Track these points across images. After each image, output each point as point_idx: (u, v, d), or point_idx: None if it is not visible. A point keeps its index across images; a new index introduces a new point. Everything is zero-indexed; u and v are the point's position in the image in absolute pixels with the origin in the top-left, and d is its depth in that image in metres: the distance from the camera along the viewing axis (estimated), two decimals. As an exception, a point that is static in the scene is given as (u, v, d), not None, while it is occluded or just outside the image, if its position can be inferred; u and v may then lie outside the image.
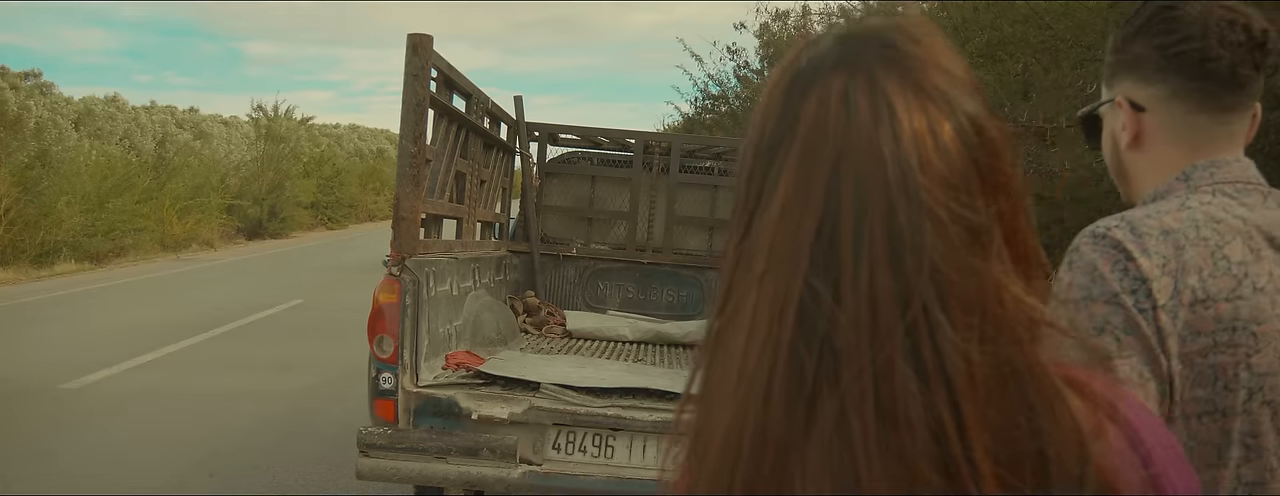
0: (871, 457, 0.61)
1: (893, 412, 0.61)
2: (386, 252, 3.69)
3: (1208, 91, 1.28)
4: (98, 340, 9.34)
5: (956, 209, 0.64)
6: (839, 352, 0.63)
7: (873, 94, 0.66)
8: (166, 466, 5.38)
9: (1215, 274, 1.18)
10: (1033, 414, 0.63)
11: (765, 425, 0.64)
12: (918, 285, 0.62)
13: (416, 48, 3.61)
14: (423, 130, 3.68)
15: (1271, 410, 1.18)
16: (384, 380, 3.55)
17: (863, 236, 0.63)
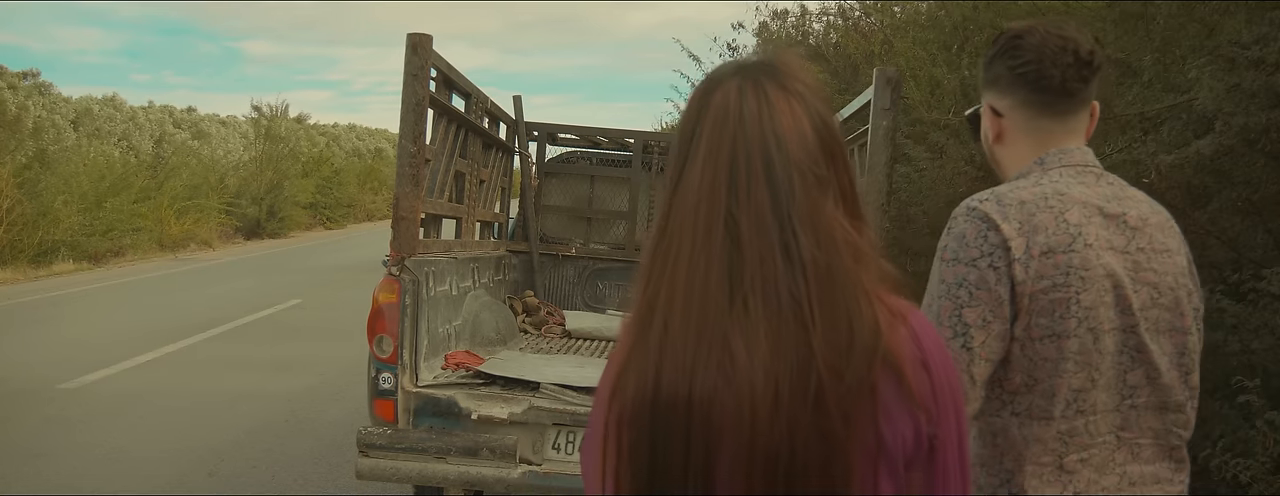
0: (760, 313, 1.06)
1: (773, 285, 1.06)
2: (385, 252, 3.68)
3: (1046, 101, 1.72)
4: (96, 340, 9.33)
5: (810, 166, 1.10)
6: (744, 250, 1.07)
7: (758, 91, 1.13)
8: (166, 466, 5.38)
9: (1057, 233, 1.59)
10: (849, 302, 1.07)
11: (707, 294, 1.08)
12: (787, 210, 1.08)
13: (416, 47, 3.60)
14: (422, 130, 3.67)
15: (1094, 334, 1.59)
16: (383, 380, 3.54)
17: (755, 180, 1.09)
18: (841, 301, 1.08)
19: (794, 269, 1.07)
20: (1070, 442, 1.61)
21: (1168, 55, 4.77)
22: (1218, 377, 4.21)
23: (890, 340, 1.09)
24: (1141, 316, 1.62)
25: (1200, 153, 4.03)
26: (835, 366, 1.06)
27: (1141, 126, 4.87)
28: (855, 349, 1.07)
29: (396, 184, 3.63)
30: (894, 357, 1.09)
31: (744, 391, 1.06)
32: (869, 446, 1.08)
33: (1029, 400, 1.61)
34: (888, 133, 3.65)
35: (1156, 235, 1.67)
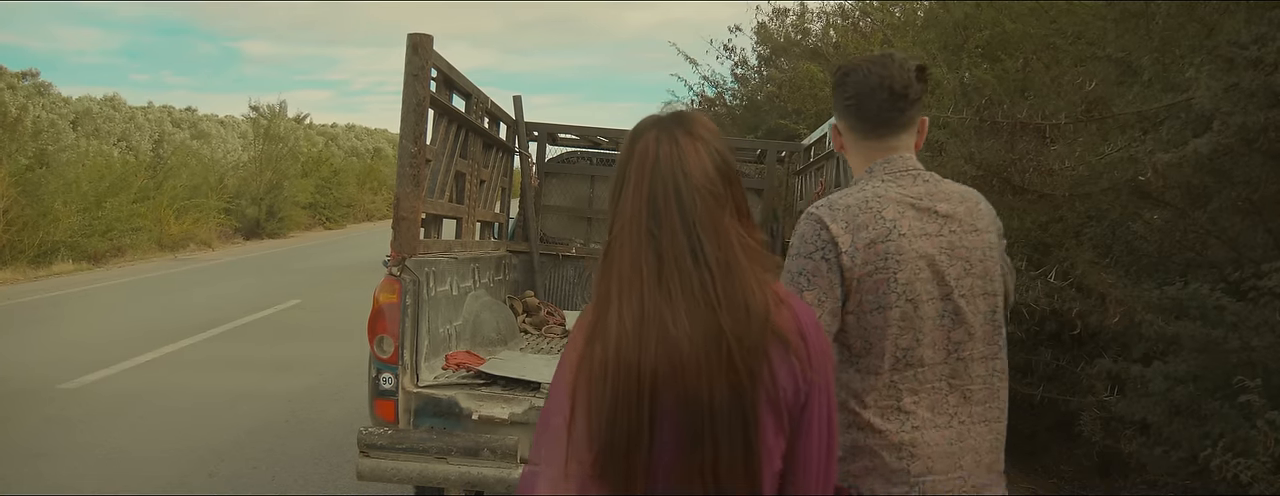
0: (680, 304, 1.47)
1: (688, 278, 1.48)
2: (386, 252, 3.68)
3: (867, 128, 2.12)
4: (95, 340, 9.33)
5: (710, 189, 1.52)
6: (663, 254, 1.49)
7: (671, 138, 1.56)
8: (166, 466, 5.38)
9: (876, 228, 2.00)
10: (744, 289, 1.49)
11: (642, 287, 1.49)
12: (693, 223, 1.50)
13: (417, 47, 3.59)
14: (423, 130, 3.66)
15: (914, 304, 2.00)
16: (384, 380, 3.54)
17: (668, 202, 1.51)
18: (738, 288, 1.51)
19: (700, 266, 1.51)
20: (902, 389, 2.04)
21: (1167, 54, 4.77)
22: (1218, 376, 4.21)
23: (776, 317, 1.52)
24: (956, 285, 2.04)
25: (1198, 152, 4.03)
26: (739, 336, 1.48)
27: (1141, 125, 4.87)
28: (752, 323, 1.49)
29: (397, 184, 3.62)
30: (780, 330, 1.52)
31: (676, 357, 1.47)
32: (766, 395, 1.51)
33: (867, 359, 2.03)
34: None
35: (966, 219, 2.09)
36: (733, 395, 1.48)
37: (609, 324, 1.52)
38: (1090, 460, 5.46)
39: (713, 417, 1.48)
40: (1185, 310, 4.15)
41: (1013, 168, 4.79)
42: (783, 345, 1.52)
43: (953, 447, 2.06)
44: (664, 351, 1.48)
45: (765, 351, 1.50)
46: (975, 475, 2.09)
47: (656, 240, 1.52)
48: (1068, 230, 5.28)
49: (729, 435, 1.48)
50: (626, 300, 1.52)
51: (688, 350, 1.47)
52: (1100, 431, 4.69)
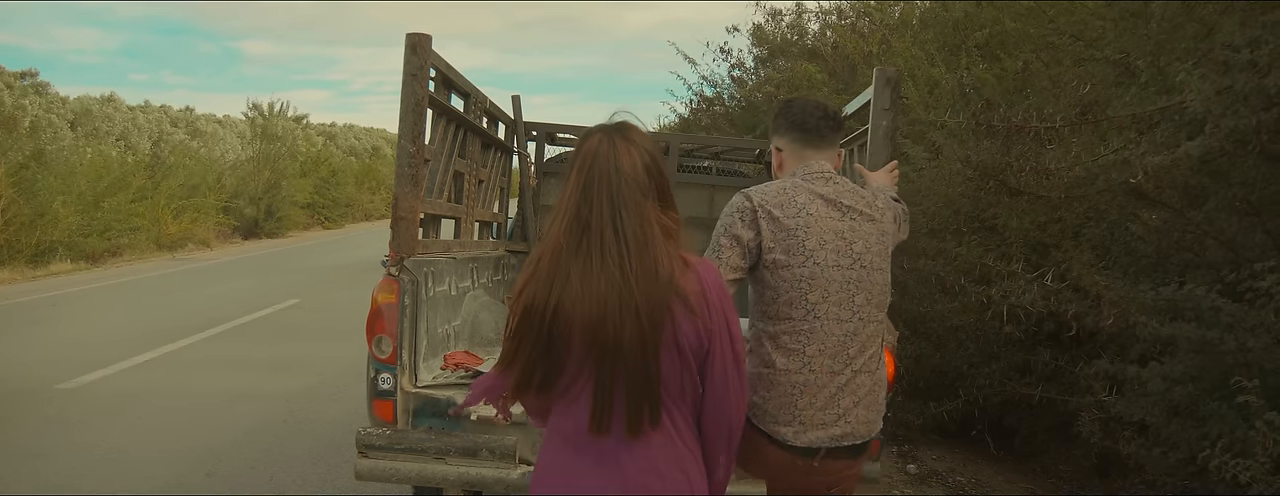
0: (598, 267, 1.96)
1: (606, 248, 1.97)
2: (384, 252, 3.67)
3: (806, 139, 2.73)
4: (93, 340, 9.34)
5: (637, 181, 2.02)
6: (588, 227, 1.99)
7: (610, 141, 2.04)
8: (164, 466, 5.37)
9: (790, 207, 2.60)
10: (656, 258, 1.98)
11: (562, 251, 1.99)
12: (619, 204, 1.99)
13: (415, 47, 3.58)
14: (421, 130, 3.66)
15: (820, 267, 2.57)
16: (382, 381, 3.54)
17: (601, 189, 2.00)
18: (650, 257, 1.99)
19: (620, 239, 1.99)
20: (810, 338, 2.58)
21: (1163, 56, 4.77)
22: (1215, 377, 4.21)
23: (681, 280, 2.01)
24: (856, 260, 2.62)
25: (1189, 155, 4.03)
26: (646, 295, 1.97)
27: (1136, 127, 4.87)
28: (658, 285, 1.98)
29: (396, 184, 3.61)
30: (682, 290, 2.01)
31: (582, 306, 1.97)
32: (668, 342, 2.01)
33: (776, 308, 2.60)
34: (887, 133, 3.64)
35: (865, 210, 2.68)
36: (638, 338, 1.96)
37: (536, 277, 2.03)
38: (1089, 460, 5.46)
39: (618, 354, 1.97)
40: (1180, 311, 4.16)
41: (1009, 170, 4.79)
42: (685, 302, 2.01)
43: (839, 391, 2.60)
44: (579, 302, 1.97)
45: (669, 307, 1.99)
46: (853, 413, 2.62)
47: (584, 217, 2.01)
48: (1066, 231, 5.28)
49: (632, 368, 1.98)
50: (549, 260, 2.02)
51: (600, 302, 1.96)
52: (1099, 432, 4.69)
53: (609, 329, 1.96)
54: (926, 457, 6.19)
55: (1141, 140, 4.59)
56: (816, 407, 2.57)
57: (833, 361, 2.58)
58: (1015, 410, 5.88)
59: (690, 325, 2.01)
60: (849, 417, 2.60)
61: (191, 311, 11.51)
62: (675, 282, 1.99)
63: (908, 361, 5.80)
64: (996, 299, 4.89)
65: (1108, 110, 4.67)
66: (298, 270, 18.09)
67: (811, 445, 2.57)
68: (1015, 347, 5.64)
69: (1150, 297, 4.20)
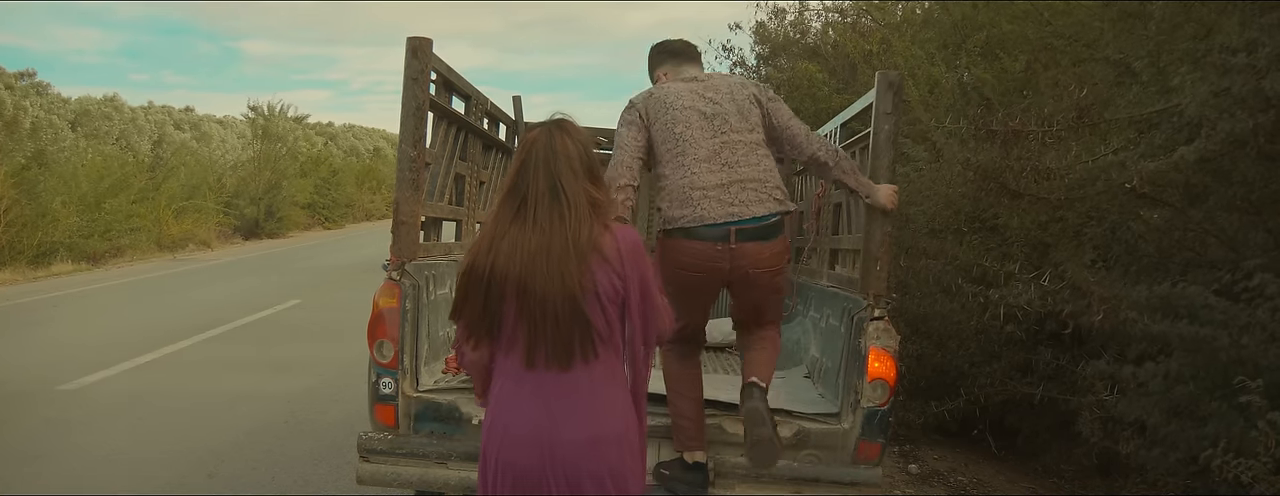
0: (530, 230, 2.43)
1: (538, 215, 2.44)
2: (385, 254, 3.67)
3: (677, 61, 3.74)
4: (95, 341, 9.33)
5: (571, 163, 2.49)
6: (525, 200, 2.46)
7: (549, 132, 2.53)
8: (165, 468, 5.37)
9: (660, 96, 3.57)
10: (579, 223, 2.43)
11: (499, 220, 2.49)
12: (556, 181, 2.46)
13: (416, 51, 3.58)
14: (422, 134, 3.65)
15: (688, 129, 3.47)
16: (384, 385, 3.53)
17: (538, 169, 2.47)
18: (575, 223, 2.43)
19: (553, 207, 2.45)
20: (692, 189, 3.41)
21: (1163, 57, 4.77)
22: (1216, 376, 4.21)
23: (599, 240, 2.45)
24: (719, 119, 3.49)
25: (1185, 159, 4.04)
26: (569, 251, 2.41)
27: (1136, 128, 4.87)
28: (580, 243, 2.42)
29: (396, 188, 3.61)
30: (600, 247, 2.45)
31: (514, 264, 2.42)
32: (589, 290, 2.43)
33: (663, 147, 3.51)
34: (890, 136, 3.63)
35: (724, 90, 3.58)
36: (565, 290, 2.40)
37: (478, 242, 2.52)
38: (1090, 460, 5.46)
39: (545, 304, 2.40)
40: (1174, 310, 4.16)
41: (1009, 172, 4.80)
42: (602, 257, 2.45)
43: (726, 186, 3.41)
44: (511, 260, 2.42)
45: (589, 263, 2.43)
46: (744, 200, 3.40)
47: (521, 192, 2.48)
48: (1067, 231, 5.28)
49: (561, 316, 2.41)
50: (490, 226, 2.51)
51: (529, 258, 2.42)
52: (1099, 432, 4.70)
53: (537, 280, 2.40)
54: (928, 457, 6.19)
55: (1140, 142, 4.59)
56: (711, 200, 3.38)
57: (709, 165, 3.43)
58: (1017, 409, 5.89)
59: (606, 277, 2.45)
60: (744, 202, 3.40)
61: (192, 312, 11.51)
62: (595, 241, 2.44)
63: (908, 361, 5.79)
64: (995, 300, 4.89)
65: (1106, 112, 4.68)
66: (298, 270, 18.10)
67: (717, 221, 3.36)
68: (1016, 347, 5.64)
69: (1143, 296, 4.20)
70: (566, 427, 2.45)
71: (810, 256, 5.35)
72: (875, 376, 3.40)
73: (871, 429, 3.44)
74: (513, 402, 2.49)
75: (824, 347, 4.21)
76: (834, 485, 3.46)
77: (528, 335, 2.43)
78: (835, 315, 4.07)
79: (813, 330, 4.54)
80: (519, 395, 2.48)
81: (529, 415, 2.47)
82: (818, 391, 4.01)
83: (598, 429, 2.48)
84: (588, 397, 2.48)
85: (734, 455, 3.52)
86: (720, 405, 3.67)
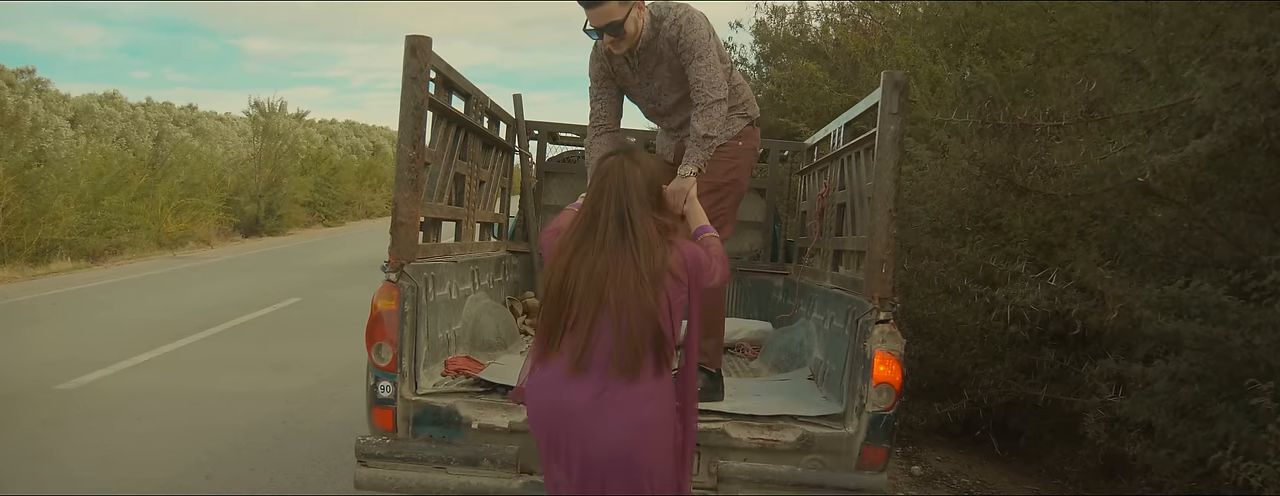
0: (597, 249, 2.78)
1: (607, 237, 2.78)
2: (385, 256, 3.62)
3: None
4: (93, 339, 9.30)
5: (640, 193, 2.84)
6: (596, 223, 2.82)
7: (623, 162, 2.89)
8: (162, 468, 5.33)
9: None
10: (652, 246, 2.77)
11: (576, 239, 2.83)
12: (626, 209, 2.80)
13: (415, 50, 3.53)
14: (421, 134, 3.60)
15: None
16: (382, 388, 3.49)
17: (610, 196, 2.83)
18: (647, 250, 2.74)
19: (625, 232, 2.76)
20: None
21: (1171, 53, 4.73)
22: (1222, 376, 4.17)
23: (671, 260, 2.78)
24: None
25: (1197, 153, 4.00)
26: (645, 271, 2.72)
27: (1145, 125, 4.83)
28: (654, 264, 2.73)
29: (395, 189, 3.56)
30: (671, 268, 2.77)
31: (582, 275, 2.73)
32: (662, 304, 2.73)
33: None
34: (895, 137, 3.57)
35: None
36: (639, 303, 2.70)
37: (557, 258, 2.82)
38: (1095, 461, 5.42)
39: (623, 315, 2.69)
40: (1186, 309, 4.12)
41: (1016, 168, 4.75)
42: (673, 276, 2.79)
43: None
44: (577, 270, 2.76)
45: (662, 280, 2.75)
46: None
47: (594, 214, 2.83)
48: (1071, 229, 5.24)
49: (641, 324, 2.70)
50: (569, 245, 2.82)
51: (600, 274, 2.73)
52: (1105, 433, 4.66)
53: (618, 296, 2.70)
54: (931, 459, 6.15)
55: (1150, 138, 4.55)
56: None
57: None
58: (1020, 410, 5.85)
59: (676, 290, 2.80)
60: None
61: (192, 310, 11.47)
62: (667, 263, 2.78)
63: (911, 362, 5.74)
64: (1001, 300, 4.85)
65: (1115, 108, 4.63)
66: (298, 268, 18.06)
67: None
68: (1020, 347, 5.60)
69: (1155, 295, 4.17)
70: (613, 429, 2.73)
71: (813, 257, 5.31)
72: (880, 380, 3.35)
73: (877, 434, 3.39)
74: (553, 394, 2.80)
75: (828, 350, 4.16)
76: (839, 490, 3.41)
77: (582, 341, 2.72)
78: (839, 317, 4.02)
79: (816, 332, 4.49)
80: (554, 390, 2.78)
81: (568, 418, 2.76)
82: (822, 394, 3.96)
83: (642, 433, 2.76)
84: (639, 406, 2.75)
85: (738, 459, 3.48)
86: (722, 414, 3.62)
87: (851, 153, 4.53)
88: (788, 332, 4.98)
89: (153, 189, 21.54)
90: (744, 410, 3.65)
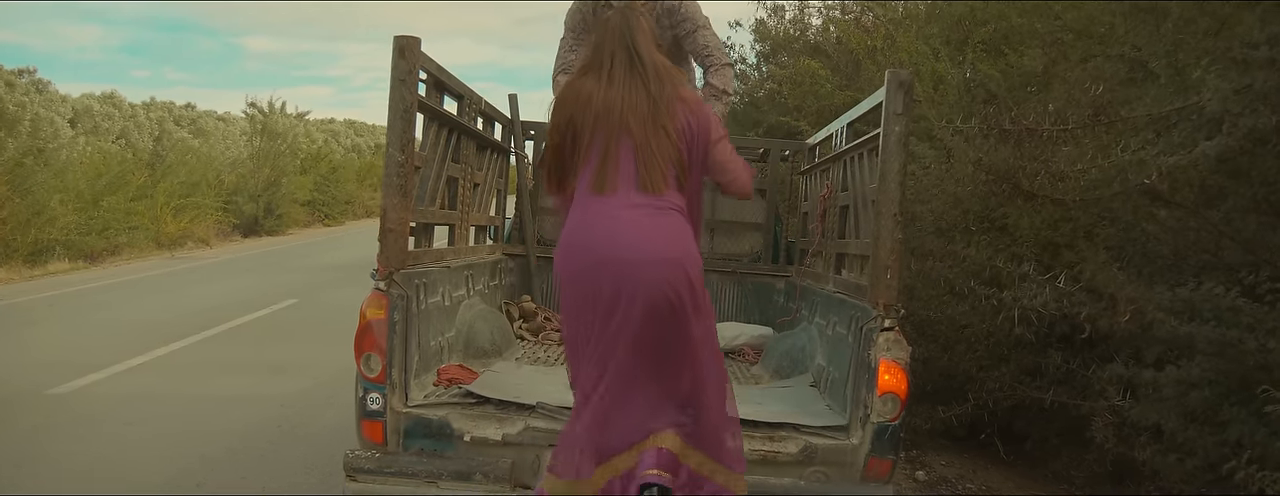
0: (607, 82, 2.97)
1: (628, 68, 2.98)
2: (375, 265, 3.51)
3: None
4: (88, 342, 9.22)
5: (646, 34, 3.05)
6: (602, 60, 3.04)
7: (623, 11, 3.15)
8: (153, 475, 5.23)
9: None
10: (664, 78, 2.99)
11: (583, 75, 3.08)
12: (632, 46, 3.00)
13: (403, 51, 3.40)
14: (411, 137, 3.48)
15: None
16: (371, 400, 3.38)
17: (615, 38, 3.04)
18: (656, 73, 2.94)
19: (634, 65, 2.95)
20: None
21: (1180, 53, 4.63)
22: (1234, 380, 4.08)
23: (682, 91, 3.01)
24: None
25: (1206, 155, 3.91)
26: (660, 95, 2.92)
27: (1154, 128, 4.73)
28: (665, 91, 2.93)
29: (383, 194, 3.44)
30: (682, 96, 3.00)
31: (597, 105, 2.92)
32: (675, 125, 2.92)
33: None
34: (900, 138, 3.45)
35: None
36: (657, 125, 2.88)
37: (560, 105, 3.02)
38: (1102, 466, 5.32)
39: (646, 137, 2.86)
40: (1198, 312, 4.03)
41: (1022, 172, 4.65)
42: (684, 103, 2.96)
43: None
44: (604, 101, 2.90)
45: (676, 104, 2.93)
46: None
47: (602, 59, 2.98)
48: (1078, 231, 5.15)
49: (662, 144, 2.88)
50: (570, 91, 3.01)
51: (620, 100, 2.89)
52: (1114, 437, 4.57)
53: (632, 118, 2.86)
54: (935, 463, 6.06)
55: (1159, 140, 4.45)
56: None
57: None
58: (1025, 414, 5.75)
59: (685, 117, 2.93)
60: None
61: (188, 312, 11.38)
62: (678, 91, 2.95)
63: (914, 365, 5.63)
64: (1009, 302, 4.75)
65: (1122, 110, 4.54)
66: (297, 269, 17.98)
67: None
68: (1025, 350, 5.50)
69: (1167, 298, 4.08)
70: (645, 247, 2.82)
71: (815, 259, 5.21)
72: (886, 390, 3.25)
73: (882, 445, 3.29)
74: (585, 222, 2.91)
75: (831, 356, 4.06)
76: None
77: (601, 164, 2.88)
78: (842, 323, 3.92)
79: (819, 337, 4.39)
80: (585, 217, 2.90)
81: (599, 233, 2.86)
82: (825, 403, 3.85)
83: (673, 251, 2.85)
84: (650, 218, 2.85)
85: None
86: None
87: (854, 153, 4.42)
88: (789, 337, 4.88)
89: (152, 189, 21.47)
90: (746, 417, 3.55)
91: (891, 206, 3.43)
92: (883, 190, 3.47)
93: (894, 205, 3.42)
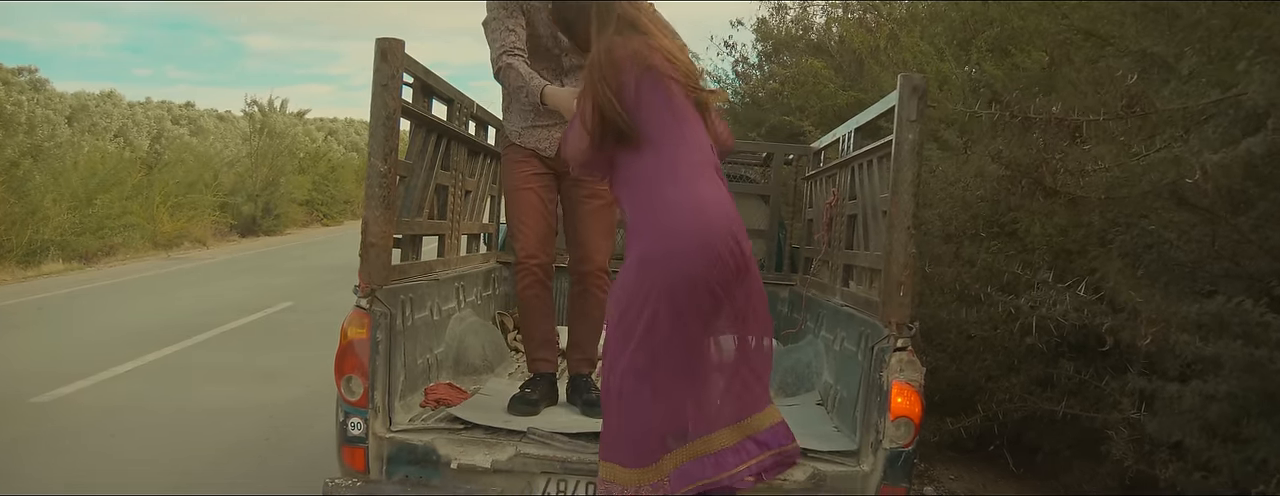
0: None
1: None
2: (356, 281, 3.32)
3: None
4: (76, 347, 9.03)
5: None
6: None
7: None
8: (135, 489, 5.04)
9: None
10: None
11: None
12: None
13: (385, 54, 3.19)
14: (395, 145, 3.27)
15: None
16: (353, 425, 3.20)
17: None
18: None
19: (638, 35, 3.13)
20: None
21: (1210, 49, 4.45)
22: (1259, 395, 3.91)
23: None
24: None
25: (1251, 151, 3.71)
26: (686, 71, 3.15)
27: (1183, 123, 4.54)
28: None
29: (365, 206, 3.23)
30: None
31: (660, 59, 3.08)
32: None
33: None
34: (914, 146, 3.25)
35: None
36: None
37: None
38: (1117, 480, 5.15)
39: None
40: (1226, 327, 3.85)
41: (1045, 167, 4.45)
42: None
43: None
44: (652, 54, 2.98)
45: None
46: None
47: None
48: (1091, 236, 4.98)
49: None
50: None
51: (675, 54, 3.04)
52: (1132, 453, 4.39)
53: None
54: (943, 477, 5.89)
55: (1189, 136, 4.25)
56: None
57: None
58: (1036, 425, 5.58)
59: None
60: None
61: (181, 315, 11.22)
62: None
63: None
64: (1025, 310, 4.57)
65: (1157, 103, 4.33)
66: (293, 270, 17.82)
67: None
68: (1036, 359, 5.33)
69: (1193, 313, 3.89)
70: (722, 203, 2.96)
71: (820, 269, 5.01)
72: (899, 414, 3.06)
73: (895, 472, 3.10)
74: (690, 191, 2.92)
75: (839, 374, 3.87)
76: None
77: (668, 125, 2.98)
78: (851, 339, 3.72)
79: (825, 352, 4.20)
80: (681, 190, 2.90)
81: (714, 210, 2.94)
82: (833, 424, 3.66)
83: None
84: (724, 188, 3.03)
85: None
86: None
87: (863, 160, 4.23)
88: (795, 352, 4.68)
89: (148, 186, 21.31)
90: None
91: (905, 219, 3.23)
92: (895, 201, 3.28)
93: (907, 218, 3.23)
